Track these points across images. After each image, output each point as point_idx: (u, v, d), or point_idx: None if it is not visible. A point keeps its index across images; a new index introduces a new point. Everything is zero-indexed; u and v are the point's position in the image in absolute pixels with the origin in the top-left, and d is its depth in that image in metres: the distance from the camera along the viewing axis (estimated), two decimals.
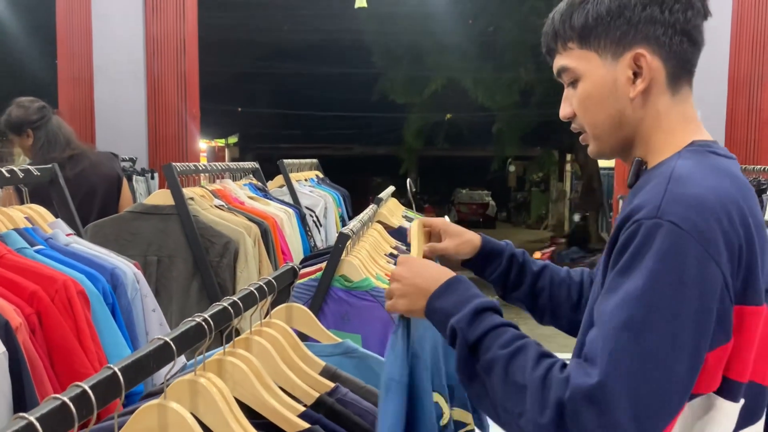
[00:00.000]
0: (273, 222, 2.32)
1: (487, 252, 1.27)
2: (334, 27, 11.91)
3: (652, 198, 0.79)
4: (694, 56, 0.92)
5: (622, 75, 0.90)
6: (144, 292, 1.38)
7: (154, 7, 4.75)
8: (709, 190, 0.79)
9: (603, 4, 0.90)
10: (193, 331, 0.92)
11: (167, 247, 2.04)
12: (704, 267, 0.75)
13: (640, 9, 0.89)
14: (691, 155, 0.87)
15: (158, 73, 4.83)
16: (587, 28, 0.91)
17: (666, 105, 0.91)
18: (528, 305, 1.28)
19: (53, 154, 2.57)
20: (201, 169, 2.34)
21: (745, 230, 0.79)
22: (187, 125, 4.97)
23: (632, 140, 0.93)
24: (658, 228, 0.76)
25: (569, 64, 0.94)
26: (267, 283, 1.21)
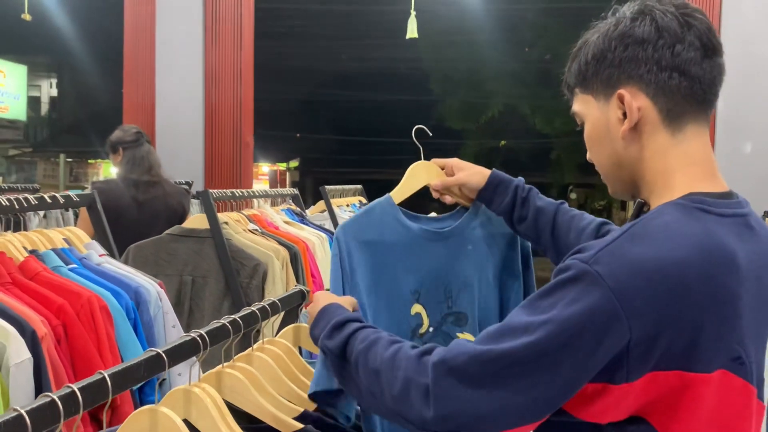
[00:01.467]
0: (304, 246, 2.43)
1: (495, 184, 1.35)
2: (392, 55, 12.13)
3: (597, 244, 0.81)
4: (695, 91, 0.88)
5: (613, 115, 0.91)
6: (166, 309, 1.50)
7: (213, 38, 5.00)
8: (657, 255, 0.78)
9: (590, 50, 0.93)
10: (187, 345, 1.02)
11: (201, 268, 2.18)
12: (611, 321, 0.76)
13: (622, 50, 0.90)
14: (673, 211, 0.84)
15: (215, 100, 5.06)
16: (581, 74, 0.95)
17: (664, 144, 0.89)
18: (533, 239, 1.35)
19: (133, 174, 2.88)
20: (238, 196, 2.48)
21: (689, 303, 0.78)
22: (241, 151, 5.17)
23: (636, 181, 0.94)
24: (583, 272, 0.78)
25: (575, 109, 0.99)
26: (271, 304, 1.31)
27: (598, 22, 0.96)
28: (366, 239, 1.38)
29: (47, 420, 0.72)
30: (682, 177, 0.89)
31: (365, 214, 1.41)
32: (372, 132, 14.74)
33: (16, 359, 1.07)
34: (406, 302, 1.37)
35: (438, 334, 1.38)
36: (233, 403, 1.13)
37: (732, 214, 0.86)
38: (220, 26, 5.00)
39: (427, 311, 1.38)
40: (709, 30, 0.89)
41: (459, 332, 1.39)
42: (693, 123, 0.90)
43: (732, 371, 0.81)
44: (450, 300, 1.38)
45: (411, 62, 12.18)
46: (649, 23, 0.89)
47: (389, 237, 1.38)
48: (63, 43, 11.60)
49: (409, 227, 1.40)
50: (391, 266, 1.37)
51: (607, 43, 0.91)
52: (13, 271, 1.29)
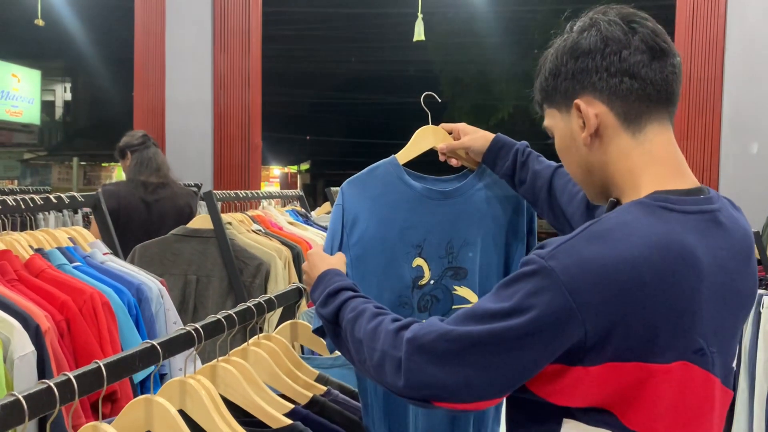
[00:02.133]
0: (307, 246, 2.47)
1: (498, 148, 1.41)
2: (402, 57, 12.18)
3: (556, 241, 0.85)
4: (648, 93, 0.91)
5: (575, 125, 0.95)
6: (167, 306, 1.54)
7: (222, 44, 5.07)
8: (610, 254, 0.81)
9: (547, 67, 0.98)
10: (182, 338, 1.07)
11: (205, 267, 2.22)
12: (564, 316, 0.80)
13: (573, 63, 0.94)
14: (633, 210, 0.87)
15: (224, 104, 5.13)
16: (544, 90, 1.00)
17: (626, 146, 0.93)
18: (531, 201, 1.40)
19: (141, 176, 2.96)
20: (242, 197, 2.53)
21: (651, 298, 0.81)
22: (250, 154, 5.24)
23: (607, 184, 0.97)
24: (540, 268, 0.82)
25: (545, 123, 1.03)
26: (267, 300, 1.35)
27: (556, 39, 1.00)
28: (370, 194, 1.44)
29: (44, 405, 0.76)
30: (647, 176, 0.92)
31: (369, 172, 1.47)
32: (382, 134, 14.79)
33: (20, 352, 1.12)
34: (407, 255, 1.43)
35: (438, 287, 1.44)
36: (226, 397, 1.18)
37: (697, 211, 0.88)
38: (228, 32, 5.07)
39: (429, 265, 1.44)
40: (654, 33, 0.93)
41: (457, 285, 1.46)
42: (653, 122, 0.93)
43: (693, 362, 0.84)
44: (451, 256, 1.44)
45: (420, 65, 12.22)
46: (594, 34, 0.93)
47: (392, 194, 1.44)
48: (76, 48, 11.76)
49: (412, 186, 1.45)
50: (393, 221, 1.43)
51: (560, 58, 0.95)
52: (19, 269, 1.34)
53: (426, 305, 1.45)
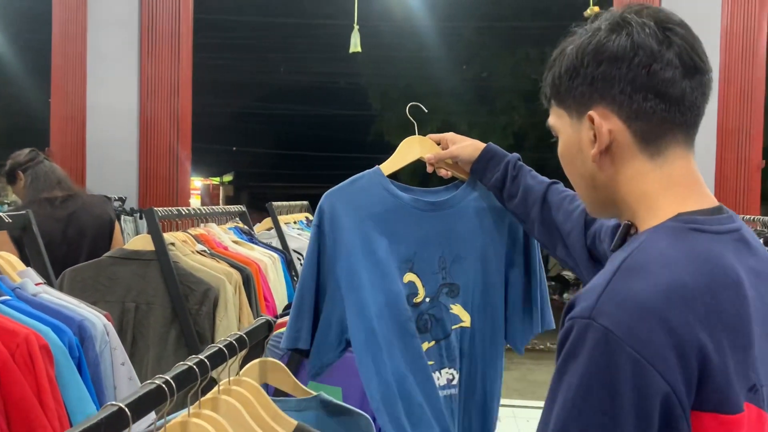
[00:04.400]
0: (256, 268, 2.29)
1: (487, 158, 1.32)
2: (331, 69, 12.06)
3: (592, 290, 0.72)
4: (674, 114, 0.81)
5: (585, 136, 0.85)
6: (114, 345, 1.34)
7: (150, 50, 4.79)
8: (659, 286, 0.70)
9: (564, 63, 0.86)
10: (153, 393, 0.88)
11: (146, 293, 2.01)
12: (641, 376, 0.67)
13: (594, 66, 0.82)
14: (664, 235, 0.77)
15: (151, 113, 4.85)
16: (555, 87, 0.88)
17: (641, 169, 0.82)
18: (521, 218, 1.31)
19: (43, 193, 2.63)
20: (183, 214, 2.32)
21: (709, 330, 0.70)
22: (178, 165, 4.97)
23: (614, 203, 0.86)
24: (589, 331, 0.69)
25: (551, 121, 0.93)
26: (238, 339, 1.17)
27: (579, 28, 0.88)
28: (353, 206, 1.33)
29: None
30: (665, 199, 0.82)
31: (351, 182, 1.37)
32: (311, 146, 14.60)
33: None
34: (397, 270, 1.33)
35: (435, 305, 1.36)
36: None
37: (727, 230, 0.80)
38: (156, 37, 4.79)
39: (422, 281, 1.35)
40: (691, 47, 0.81)
41: (452, 303, 1.37)
42: (674, 145, 0.82)
43: (749, 401, 0.74)
44: (444, 271, 1.35)
45: (350, 77, 12.14)
46: (625, 38, 0.81)
47: (378, 206, 1.34)
48: None
49: (399, 197, 1.35)
50: (380, 234, 1.33)
51: (580, 58, 0.83)
52: None
53: (426, 325, 1.35)
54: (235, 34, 10.48)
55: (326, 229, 1.32)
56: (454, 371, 1.37)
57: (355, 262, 1.31)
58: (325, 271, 1.34)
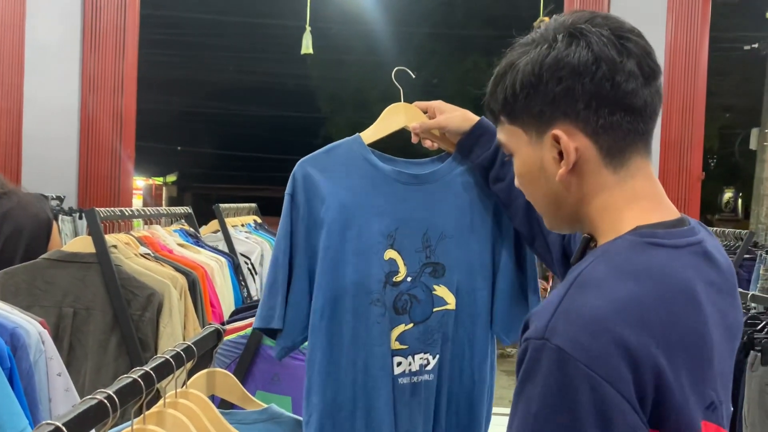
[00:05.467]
0: (202, 272, 2.21)
1: (479, 134, 1.25)
2: (280, 70, 11.93)
3: (545, 309, 0.70)
4: (637, 125, 0.78)
5: (547, 155, 0.80)
6: (49, 355, 1.25)
7: (93, 43, 4.61)
8: (613, 302, 0.68)
9: (518, 78, 0.80)
10: (93, 410, 0.82)
11: (85, 298, 1.91)
12: (599, 394, 0.65)
13: (555, 83, 0.77)
14: (621, 249, 0.75)
15: (93, 109, 4.66)
16: (508, 104, 0.83)
17: (606, 183, 0.80)
18: (504, 203, 1.25)
19: None
20: (127, 215, 2.22)
21: (665, 348, 0.68)
22: (121, 164, 4.80)
23: (578, 218, 0.84)
24: (544, 352, 0.67)
25: (503, 140, 0.87)
26: (185, 349, 1.11)
27: (523, 38, 0.84)
28: (329, 176, 1.25)
29: None
30: (629, 212, 0.79)
31: (327, 150, 1.28)
32: (258, 148, 14.39)
33: None
34: (377, 246, 1.25)
35: (417, 285, 1.27)
36: None
37: (686, 244, 0.78)
38: (100, 31, 4.62)
39: (403, 258, 1.26)
40: (647, 54, 0.79)
41: (436, 284, 1.29)
42: (636, 156, 0.80)
43: (707, 419, 0.73)
44: (429, 249, 1.27)
45: (299, 79, 12.03)
46: (585, 50, 0.77)
47: (357, 177, 1.25)
48: None
49: (380, 168, 1.27)
50: (359, 206, 1.24)
51: (537, 73, 0.78)
52: None
53: (404, 307, 1.27)
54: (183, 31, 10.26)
55: (299, 199, 1.24)
56: (429, 356, 1.30)
57: (329, 235, 1.23)
58: (297, 243, 1.26)
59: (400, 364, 1.28)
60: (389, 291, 1.25)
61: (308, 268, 1.26)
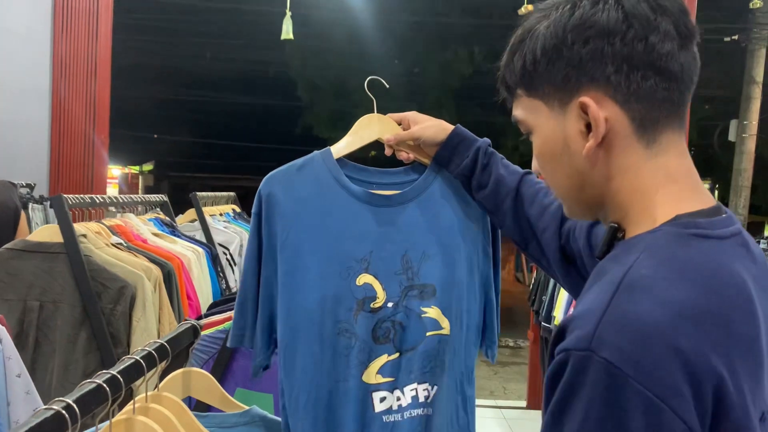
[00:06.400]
0: (178, 263, 2.10)
1: (455, 143, 1.18)
2: (259, 58, 11.73)
3: (588, 315, 0.61)
4: (673, 93, 0.70)
5: (573, 128, 0.72)
6: (8, 354, 1.15)
7: (65, 25, 4.45)
8: (668, 308, 0.60)
9: (538, 43, 0.73)
10: (49, 423, 0.72)
11: (52, 290, 1.79)
12: (654, 416, 0.57)
13: (581, 44, 0.70)
14: (665, 243, 0.66)
15: (65, 94, 4.50)
16: (527, 74, 0.75)
17: (637, 160, 0.71)
18: (491, 210, 1.18)
19: None
20: (98, 202, 2.10)
21: (725, 357, 0.60)
22: (94, 151, 4.64)
23: (602, 202, 0.75)
24: (590, 365, 0.58)
25: (520, 116, 0.79)
26: (158, 348, 1.01)
27: (541, 4, 0.76)
28: (297, 195, 1.16)
29: None
30: (662, 196, 0.71)
31: (297, 169, 1.19)
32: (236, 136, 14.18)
33: None
34: (349, 272, 1.16)
35: (399, 310, 1.17)
36: None
37: (729, 234, 0.70)
38: (72, 13, 4.45)
39: (381, 283, 1.16)
40: (683, 12, 0.71)
41: (425, 307, 1.18)
42: (669, 130, 0.72)
43: None
44: (410, 271, 1.18)
45: (279, 66, 11.84)
46: (614, 8, 0.70)
47: (325, 198, 1.17)
48: None
49: (350, 190, 1.18)
50: (327, 230, 1.15)
51: (561, 35, 0.71)
52: None
53: (386, 335, 1.16)
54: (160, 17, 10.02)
55: (264, 218, 1.16)
56: (427, 387, 1.18)
57: (290, 260, 1.15)
58: (264, 263, 1.18)
59: (383, 399, 1.16)
60: (364, 319, 1.15)
61: (270, 289, 1.19)
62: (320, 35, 10.52)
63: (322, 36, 10.59)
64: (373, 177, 1.23)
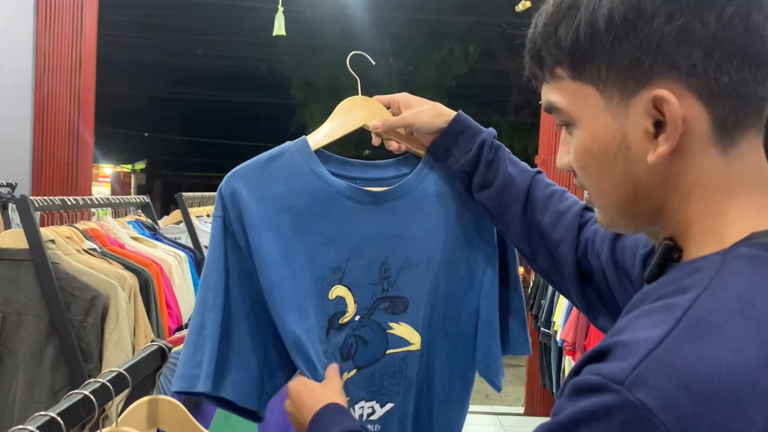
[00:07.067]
0: (157, 270, 1.96)
1: (456, 132, 1.01)
2: (252, 55, 11.59)
3: (635, 345, 0.48)
4: (765, 86, 0.56)
5: (636, 126, 0.57)
6: None
7: (48, 18, 4.30)
8: (740, 354, 0.46)
9: (602, 11, 0.56)
10: None
11: (16, 301, 1.65)
12: None
13: (664, 19, 0.54)
14: (743, 270, 0.52)
15: (49, 90, 4.36)
16: (579, 49, 0.58)
17: (711, 168, 0.57)
18: (494, 214, 1.01)
19: None
20: (70, 204, 1.95)
21: None
22: (79, 149, 4.50)
23: (657, 216, 0.61)
24: (620, 404, 0.46)
25: (558, 102, 0.62)
26: (114, 378, 0.87)
27: None
28: (264, 193, 0.98)
29: None
30: (736, 211, 0.57)
31: (266, 161, 1.01)
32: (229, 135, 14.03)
33: None
34: (322, 283, 1.00)
35: (365, 324, 1.03)
36: None
37: None
38: (56, 4, 4.31)
39: (354, 295, 1.02)
40: None
41: (393, 322, 1.03)
42: (751, 132, 0.58)
43: None
44: (387, 281, 1.03)
45: (273, 64, 11.70)
46: None
47: (300, 195, 1.00)
48: None
49: (330, 183, 1.02)
50: (301, 233, 0.99)
51: (637, 5, 0.55)
52: None
53: (350, 351, 1.02)
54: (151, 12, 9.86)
55: (231, 224, 0.99)
56: (375, 404, 1.06)
57: (264, 274, 0.97)
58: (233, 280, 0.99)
59: None
60: (334, 337, 1.01)
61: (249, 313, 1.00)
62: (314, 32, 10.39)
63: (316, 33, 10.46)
64: (357, 171, 1.07)
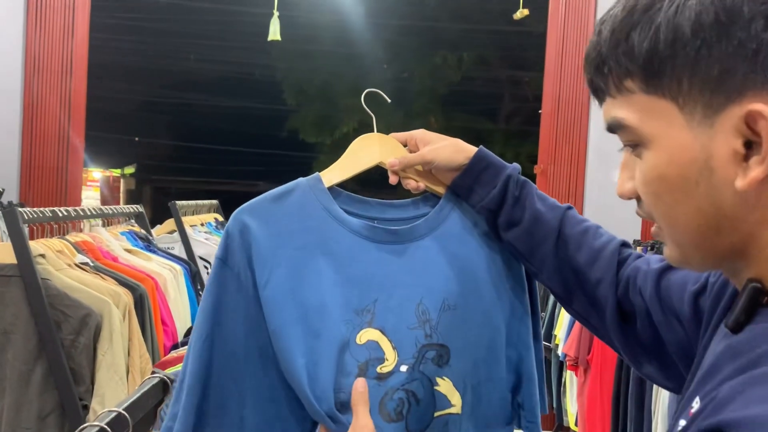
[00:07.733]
0: (152, 284, 1.87)
1: (479, 169, 0.94)
2: (245, 60, 11.50)
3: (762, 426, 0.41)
4: None
5: (724, 146, 0.50)
6: None
7: (38, 20, 4.21)
8: None
9: (687, 14, 0.49)
10: None
11: (3, 319, 1.56)
12: None
13: (764, 23, 0.48)
14: None
15: (38, 94, 4.26)
16: (657, 58, 0.51)
17: None
18: (524, 253, 0.92)
19: None
20: (62, 216, 1.86)
21: None
22: (69, 154, 4.40)
23: (741, 250, 0.53)
24: None
25: (627, 119, 0.55)
26: (113, 420, 0.78)
27: None
28: (278, 230, 0.90)
29: None
30: None
31: (277, 198, 0.93)
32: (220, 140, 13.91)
33: None
34: (347, 326, 0.89)
35: (416, 376, 0.90)
36: None
37: None
38: (46, 7, 4.22)
39: (391, 340, 0.91)
40: None
41: (438, 377, 0.92)
42: None
43: None
44: (428, 325, 0.92)
45: (265, 69, 11.62)
46: None
47: (315, 233, 0.91)
48: None
49: (347, 224, 0.93)
50: (319, 274, 0.90)
51: (730, 7, 0.48)
52: None
53: (399, 409, 0.89)
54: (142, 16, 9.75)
55: (235, 265, 0.89)
56: None
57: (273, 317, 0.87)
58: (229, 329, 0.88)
59: None
60: (375, 388, 0.89)
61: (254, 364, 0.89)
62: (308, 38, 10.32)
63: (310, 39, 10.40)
64: (374, 210, 0.99)
